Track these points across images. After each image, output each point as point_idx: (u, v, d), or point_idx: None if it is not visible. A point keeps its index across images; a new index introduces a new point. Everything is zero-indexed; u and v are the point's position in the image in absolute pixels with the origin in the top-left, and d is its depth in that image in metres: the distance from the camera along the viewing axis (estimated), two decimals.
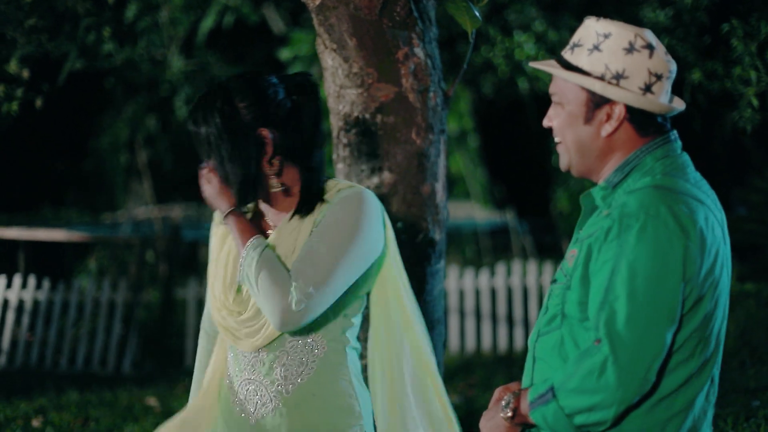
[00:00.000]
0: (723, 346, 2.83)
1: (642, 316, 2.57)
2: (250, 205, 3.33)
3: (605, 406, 2.59)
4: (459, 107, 16.33)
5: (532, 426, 2.79)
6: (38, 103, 7.38)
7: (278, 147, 3.19)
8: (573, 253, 2.84)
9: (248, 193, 3.20)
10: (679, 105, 2.86)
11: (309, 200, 3.25)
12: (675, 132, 2.85)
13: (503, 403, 2.80)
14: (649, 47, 2.75)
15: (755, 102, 6.44)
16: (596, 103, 2.79)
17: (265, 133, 3.17)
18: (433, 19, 4.43)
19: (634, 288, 2.58)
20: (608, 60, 2.76)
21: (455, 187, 17.94)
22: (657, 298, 2.58)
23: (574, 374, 2.62)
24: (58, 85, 9.29)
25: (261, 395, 3.23)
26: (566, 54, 2.86)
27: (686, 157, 2.84)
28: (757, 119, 6.52)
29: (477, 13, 4.02)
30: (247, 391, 3.24)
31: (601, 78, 2.76)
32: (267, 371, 3.23)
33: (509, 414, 2.77)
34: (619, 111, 2.77)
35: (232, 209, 3.19)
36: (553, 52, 10.51)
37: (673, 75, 2.81)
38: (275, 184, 3.23)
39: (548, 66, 2.87)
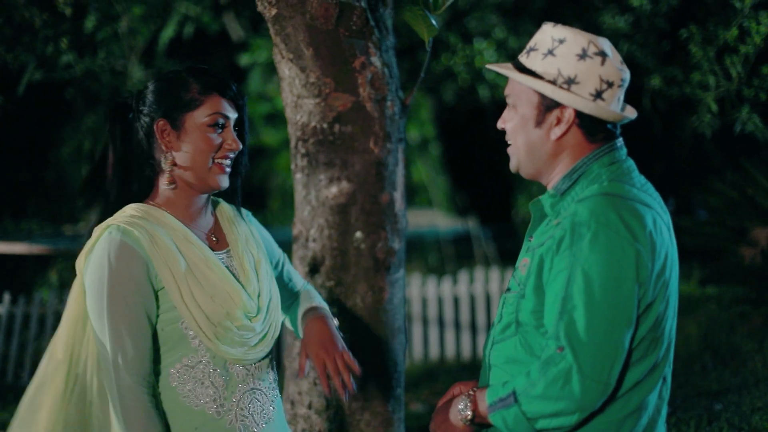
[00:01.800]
0: (674, 344, 2.89)
1: (601, 323, 2.62)
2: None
3: (569, 412, 2.63)
4: (420, 115, 16.35)
5: (488, 426, 2.83)
6: None
7: None
8: (525, 262, 2.88)
9: None
10: (631, 114, 2.90)
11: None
12: (620, 139, 2.91)
13: (461, 405, 2.84)
14: (602, 54, 2.80)
15: (714, 107, 6.49)
16: (547, 106, 2.84)
17: None
18: (390, 28, 4.44)
19: (590, 295, 2.62)
20: (561, 65, 2.80)
21: (417, 195, 17.96)
22: (614, 304, 2.63)
23: (538, 381, 2.66)
24: (17, 96, 9.24)
25: (263, 402, 3.19)
26: (522, 58, 2.91)
27: (631, 162, 2.90)
28: (717, 124, 6.58)
29: (434, 22, 4.02)
30: (251, 401, 3.15)
31: (553, 82, 2.81)
32: (269, 377, 3.24)
33: (469, 416, 2.80)
34: (568, 115, 2.82)
35: None
36: (514, 58, 10.56)
37: (626, 83, 2.86)
38: None
39: (503, 68, 2.92)
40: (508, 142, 2.97)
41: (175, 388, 3.07)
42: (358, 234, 4.28)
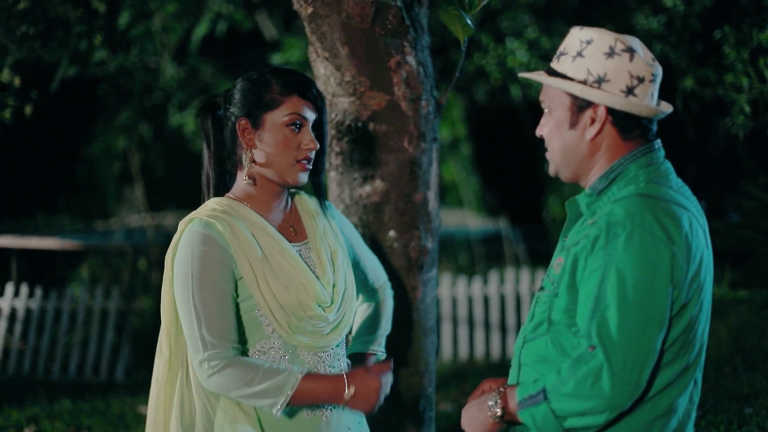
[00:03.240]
0: (706, 348, 2.88)
1: (633, 323, 2.62)
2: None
3: (598, 411, 2.63)
4: (452, 114, 16.31)
5: (517, 423, 2.83)
6: (27, 110, 7.36)
7: None
8: (559, 260, 2.89)
9: None
10: (666, 108, 2.90)
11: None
12: (659, 141, 2.90)
13: (490, 402, 2.85)
14: (630, 51, 2.81)
15: (747, 109, 6.46)
16: (579, 106, 2.85)
17: None
18: (426, 27, 4.44)
19: (624, 295, 2.62)
20: (590, 65, 2.82)
21: (448, 194, 17.94)
22: (647, 305, 2.63)
23: (568, 379, 2.66)
24: (50, 92, 9.27)
25: None
26: (553, 63, 2.94)
27: (669, 165, 2.90)
28: (750, 126, 6.55)
29: (469, 22, 4.01)
30: None
31: (584, 82, 2.82)
32: (339, 364, 3.36)
33: (498, 413, 2.81)
34: (601, 113, 2.84)
35: None
36: (546, 58, 10.52)
37: (658, 78, 2.87)
38: None
39: (535, 75, 2.94)
40: (546, 148, 2.98)
41: None
42: (392, 233, 4.29)
